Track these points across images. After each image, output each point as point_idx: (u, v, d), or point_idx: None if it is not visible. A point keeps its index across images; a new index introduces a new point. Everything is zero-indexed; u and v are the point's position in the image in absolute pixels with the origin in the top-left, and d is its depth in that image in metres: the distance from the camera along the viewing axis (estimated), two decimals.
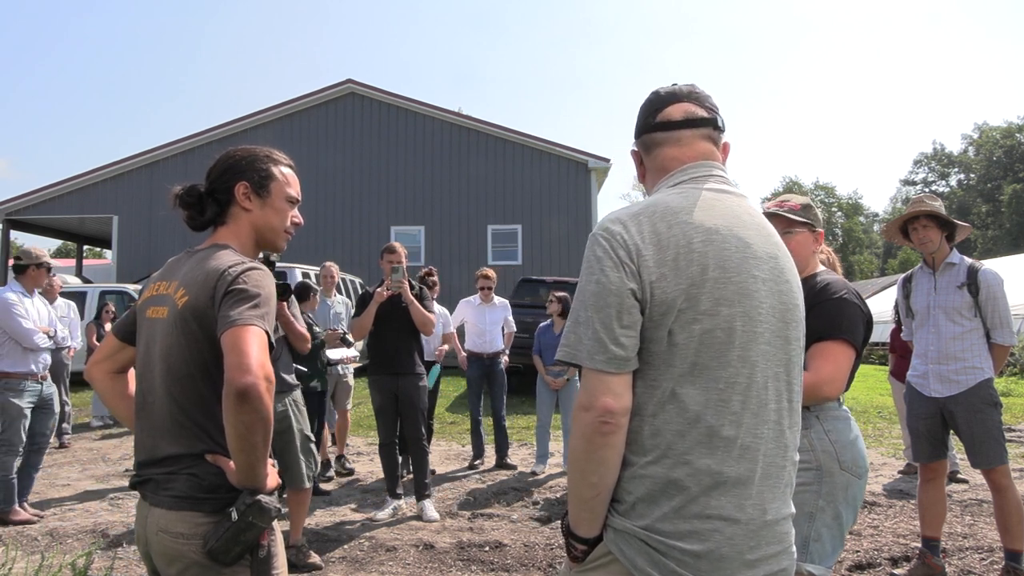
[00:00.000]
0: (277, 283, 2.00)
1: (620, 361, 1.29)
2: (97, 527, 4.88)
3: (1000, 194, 47.08)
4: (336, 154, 17.99)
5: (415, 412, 5.07)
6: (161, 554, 1.64)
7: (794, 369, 1.42)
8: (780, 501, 1.37)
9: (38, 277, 5.19)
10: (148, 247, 17.32)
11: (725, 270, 1.32)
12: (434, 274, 6.53)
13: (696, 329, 1.30)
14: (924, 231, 3.67)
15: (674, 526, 1.29)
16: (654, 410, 1.31)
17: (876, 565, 4.02)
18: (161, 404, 1.68)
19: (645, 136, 1.53)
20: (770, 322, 1.37)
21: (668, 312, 1.30)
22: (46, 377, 5.17)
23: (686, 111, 1.50)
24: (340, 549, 4.41)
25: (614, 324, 1.29)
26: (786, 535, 1.39)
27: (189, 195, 1.80)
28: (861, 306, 2.32)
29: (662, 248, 1.32)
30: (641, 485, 1.31)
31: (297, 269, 12.00)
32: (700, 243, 1.32)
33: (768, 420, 1.35)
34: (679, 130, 1.49)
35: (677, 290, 1.30)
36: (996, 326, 3.61)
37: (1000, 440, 3.58)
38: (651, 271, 1.30)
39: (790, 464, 1.41)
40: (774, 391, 1.37)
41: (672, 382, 1.30)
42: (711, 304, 1.31)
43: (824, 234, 2.55)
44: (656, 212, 1.36)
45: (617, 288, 1.30)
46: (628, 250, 1.32)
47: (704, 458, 1.30)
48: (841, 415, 2.31)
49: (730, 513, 1.30)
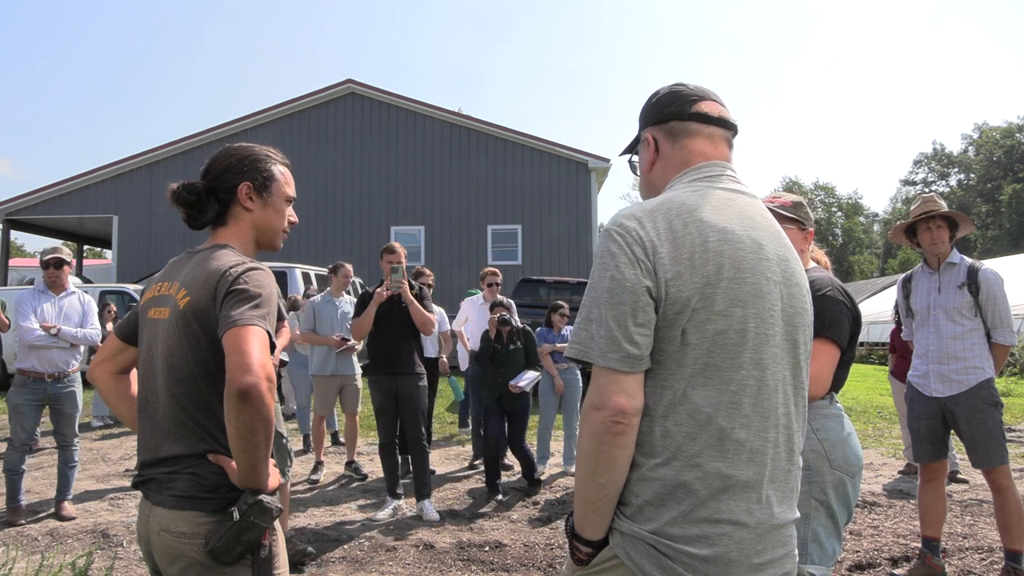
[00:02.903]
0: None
1: (634, 360, 1.27)
2: (97, 527, 4.88)
3: (1000, 194, 47.07)
4: (336, 154, 17.99)
5: (415, 412, 5.07)
6: (163, 553, 1.64)
7: (801, 373, 1.41)
8: (786, 505, 1.36)
9: (47, 275, 5.21)
10: (148, 247, 17.33)
11: (740, 270, 1.31)
12: (424, 273, 6.52)
13: (710, 329, 1.28)
14: (938, 231, 3.68)
15: (683, 530, 1.27)
16: (665, 411, 1.29)
17: (876, 565, 4.02)
18: (163, 405, 1.68)
19: (676, 123, 1.48)
20: (780, 325, 1.35)
21: (683, 311, 1.27)
22: (57, 376, 5.13)
23: (721, 111, 1.50)
24: (340, 549, 4.41)
25: (628, 322, 1.27)
26: (790, 538, 1.37)
27: (189, 192, 1.79)
28: (846, 302, 2.30)
29: (678, 246, 1.29)
30: (649, 488, 1.29)
31: (297, 269, 12.01)
32: (716, 242, 1.30)
33: (778, 423, 1.34)
34: (713, 127, 1.48)
35: (692, 289, 1.27)
36: (996, 326, 3.62)
37: (1001, 440, 3.58)
38: (667, 269, 1.28)
39: (796, 468, 1.39)
40: (783, 394, 1.35)
41: (684, 383, 1.28)
42: (725, 304, 1.29)
43: (814, 233, 2.54)
44: (672, 209, 1.33)
45: (632, 285, 1.27)
46: (644, 247, 1.29)
47: (714, 461, 1.27)
48: (832, 413, 2.28)
49: (739, 517, 1.28)
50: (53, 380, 5.11)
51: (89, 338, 5.33)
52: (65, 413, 5.20)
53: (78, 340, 5.25)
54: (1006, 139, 49.54)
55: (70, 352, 5.22)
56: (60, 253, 5.18)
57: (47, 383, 5.09)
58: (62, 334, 5.13)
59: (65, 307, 5.26)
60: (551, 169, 17.92)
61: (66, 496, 5.21)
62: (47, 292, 5.23)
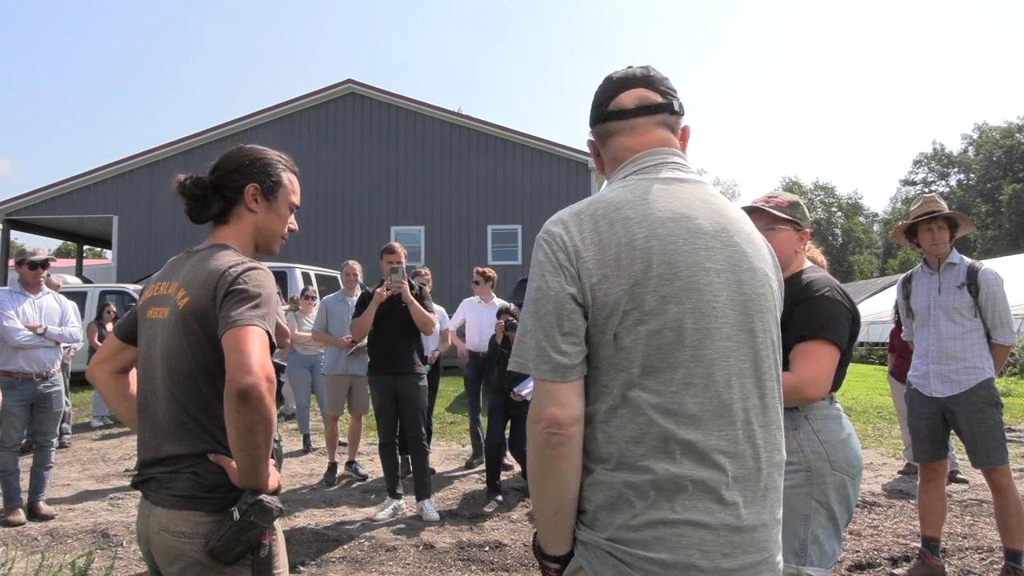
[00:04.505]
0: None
1: (564, 369, 1.23)
2: (97, 527, 4.88)
3: (1000, 194, 47.07)
4: (336, 154, 17.99)
5: (415, 412, 5.07)
6: (162, 553, 1.64)
7: (763, 364, 1.32)
8: (759, 507, 1.27)
9: (24, 275, 5.22)
10: (148, 247, 17.33)
11: (671, 265, 1.24)
12: (420, 273, 6.49)
13: (642, 330, 1.23)
14: (939, 232, 3.68)
15: (638, 534, 1.22)
16: (606, 416, 1.25)
17: (876, 565, 4.02)
18: (163, 405, 1.68)
19: (599, 127, 1.45)
20: (729, 316, 1.27)
21: (612, 315, 1.23)
22: (44, 376, 5.17)
23: (639, 97, 1.41)
24: (340, 549, 4.40)
25: (555, 332, 1.24)
26: (767, 544, 1.28)
27: (196, 186, 1.79)
28: (844, 302, 2.26)
29: (603, 248, 1.25)
30: (600, 492, 1.25)
31: (297, 269, 12.01)
32: (643, 239, 1.25)
33: (734, 421, 1.26)
34: (633, 118, 1.40)
35: (620, 291, 1.23)
36: (996, 326, 3.62)
37: (1001, 440, 3.58)
38: (592, 273, 1.24)
39: (769, 466, 1.30)
40: (739, 389, 1.27)
41: (623, 386, 1.24)
42: (657, 303, 1.23)
43: (809, 234, 2.47)
44: (598, 210, 1.29)
45: (556, 294, 1.24)
46: (567, 252, 1.26)
47: (662, 463, 1.22)
48: (832, 414, 2.26)
49: (697, 517, 1.22)
50: (40, 379, 5.14)
51: (74, 336, 5.38)
52: (52, 412, 5.24)
53: (64, 339, 5.30)
54: (1006, 139, 49.55)
55: (55, 351, 5.27)
56: (42, 255, 5.23)
57: (35, 383, 5.12)
58: (48, 333, 5.17)
59: (44, 307, 5.29)
60: (551, 169, 17.91)
61: (40, 497, 5.21)
62: (24, 292, 5.24)
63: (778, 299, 1.39)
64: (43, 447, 5.27)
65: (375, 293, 5.04)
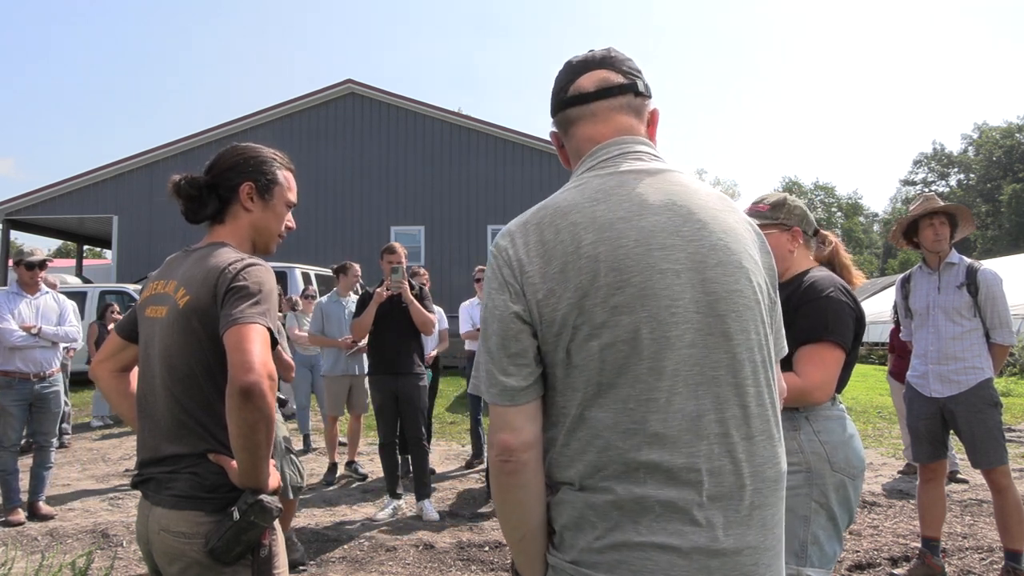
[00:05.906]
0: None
1: (512, 392, 1.15)
2: (97, 527, 4.88)
3: (1000, 194, 47.05)
4: (336, 154, 17.98)
5: (415, 412, 5.08)
6: (162, 553, 1.64)
7: (742, 369, 1.17)
8: (742, 527, 1.14)
9: (22, 275, 5.23)
10: (148, 247, 17.31)
11: (621, 271, 1.12)
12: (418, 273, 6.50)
13: (594, 346, 1.12)
14: (941, 227, 3.68)
15: (601, 556, 1.12)
16: (565, 439, 1.17)
17: (876, 565, 4.02)
18: (162, 404, 1.68)
19: (560, 115, 1.33)
20: (693, 320, 1.14)
21: (562, 331, 1.14)
22: (42, 376, 5.16)
23: (600, 79, 1.29)
24: (340, 549, 4.40)
25: (500, 353, 1.16)
26: (754, 569, 1.14)
27: (191, 186, 1.79)
28: (849, 303, 2.22)
29: (548, 259, 1.15)
30: (564, 512, 1.17)
31: (297, 269, 12.00)
32: (590, 245, 1.14)
33: (706, 435, 1.13)
34: (593, 102, 1.29)
35: (568, 305, 1.13)
36: (995, 326, 3.62)
37: (1000, 440, 3.58)
38: (537, 288, 1.15)
39: (758, 482, 1.16)
40: (712, 400, 1.14)
41: (579, 407, 1.15)
42: (608, 314, 1.12)
43: (800, 231, 2.35)
44: (545, 217, 1.19)
45: (501, 313, 1.16)
46: (512, 267, 1.17)
47: (624, 484, 1.12)
48: (834, 415, 2.23)
49: (666, 540, 1.10)
50: (38, 380, 5.13)
51: (70, 336, 5.37)
52: (51, 412, 5.24)
53: (59, 338, 5.29)
54: (1006, 139, 49.53)
55: (52, 351, 5.26)
56: (39, 255, 5.23)
57: (32, 383, 5.11)
58: (43, 333, 5.16)
59: (41, 307, 5.28)
60: (551, 169, 17.89)
61: (39, 497, 5.21)
62: (21, 293, 5.24)
63: (763, 293, 1.24)
64: (43, 447, 5.27)
65: (375, 293, 5.04)
